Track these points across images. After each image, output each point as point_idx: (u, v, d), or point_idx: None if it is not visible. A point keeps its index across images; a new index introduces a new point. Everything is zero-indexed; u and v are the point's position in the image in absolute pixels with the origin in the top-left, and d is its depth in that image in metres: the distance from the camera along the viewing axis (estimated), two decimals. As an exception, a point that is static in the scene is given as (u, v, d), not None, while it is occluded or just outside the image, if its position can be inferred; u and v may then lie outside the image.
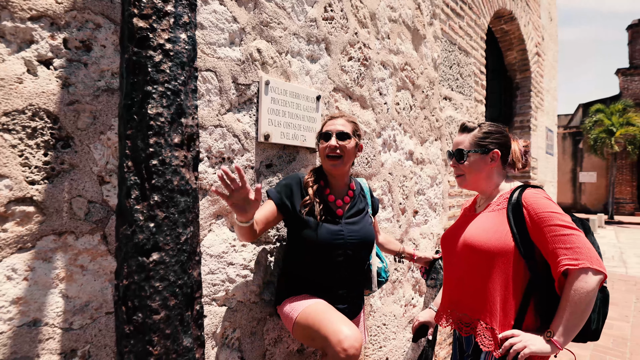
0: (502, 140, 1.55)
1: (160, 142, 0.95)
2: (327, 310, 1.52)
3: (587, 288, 1.23)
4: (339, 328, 1.40)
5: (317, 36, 1.98)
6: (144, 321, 0.89)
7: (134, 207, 0.92)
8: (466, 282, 1.47)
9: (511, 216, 1.41)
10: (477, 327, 1.40)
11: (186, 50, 1.03)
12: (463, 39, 3.43)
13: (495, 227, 1.42)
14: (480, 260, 1.41)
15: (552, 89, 6.17)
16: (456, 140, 1.60)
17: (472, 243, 1.44)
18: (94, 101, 1.25)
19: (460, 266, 1.50)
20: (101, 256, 1.27)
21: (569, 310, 1.25)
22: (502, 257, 1.37)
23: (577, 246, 1.26)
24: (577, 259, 1.25)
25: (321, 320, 1.46)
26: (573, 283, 1.24)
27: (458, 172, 1.59)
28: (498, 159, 1.53)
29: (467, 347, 1.47)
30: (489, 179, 1.55)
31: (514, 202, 1.43)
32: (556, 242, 1.29)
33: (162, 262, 0.92)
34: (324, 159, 1.67)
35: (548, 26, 5.86)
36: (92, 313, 1.25)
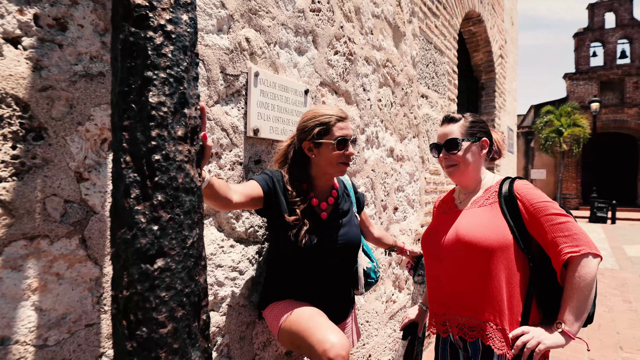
0: (487, 129, 1.54)
1: (163, 135, 0.84)
2: (313, 317, 1.41)
3: (591, 273, 1.24)
4: (325, 337, 1.30)
5: (305, 28, 1.90)
6: (149, 336, 0.78)
7: (134, 207, 0.80)
8: (464, 283, 1.40)
9: (505, 209, 1.38)
10: (487, 330, 1.34)
11: (188, 33, 0.92)
12: (438, 38, 3.46)
13: (491, 222, 1.38)
14: (479, 258, 1.35)
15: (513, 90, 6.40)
16: (443, 131, 1.52)
17: (470, 240, 1.37)
18: (70, 88, 1.11)
19: (454, 266, 1.42)
20: (79, 262, 1.13)
21: (576, 297, 1.25)
22: (503, 252, 1.33)
23: (574, 233, 1.28)
24: (577, 245, 1.26)
25: (306, 328, 1.36)
26: (577, 270, 1.25)
27: (450, 163, 1.50)
28: (487, 147, 1.51)
29: (474, 353, 1.40)
30: (477, 170, 1.51)
31: (506, 194, 1.41)
32: (555, 231, 1.29)
33: (168, 269, 0.81)
34: (335, 164, 1.50)
35: (510, 30, 6.07)
36: (70, 326, 1.11)
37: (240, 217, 1.61)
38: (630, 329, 4.08)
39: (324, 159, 1.50)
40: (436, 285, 1.51)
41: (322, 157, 1.50)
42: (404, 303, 3.00)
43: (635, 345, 3.66)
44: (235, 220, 1.59)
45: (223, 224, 1.54)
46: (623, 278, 6.26)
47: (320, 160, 1.51)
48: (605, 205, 15.59)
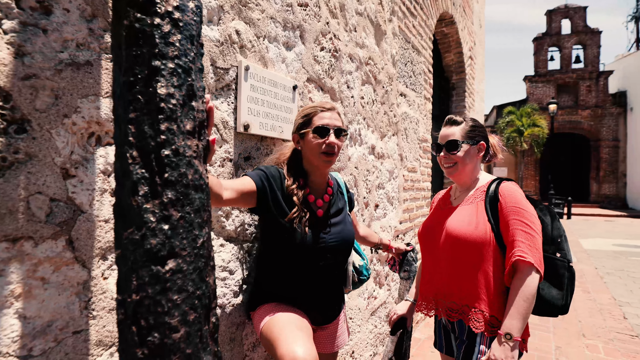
0: (485, 133, 1.65)
1: (173, 129, 0.79)
2: (285, 326, 1.37)
3: (534, 284, 1.35)
4: (292, 349, 1.25)
5: (293, 22, 1.86)
6: (161, 342, 0.73)
7: (142, 206, 0.75)
8: (451, 272, 1.53)
9: (488, 208, 1.50)
10: (468, 313, 1.47)
11: (195, 22, 0.87)
12: (416, 37, 3.49)
13: (475, 220, 1.50)
14: (464, 251, 1.49)
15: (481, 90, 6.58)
16: (445, 132, 1.64)
17: (456, 235, 1.51)
18: (55, 77, 1.03)
19: (444, 257, 1.56)
20: (66, 265, 1.06)
21: (523, 306, 1.35)
22: (484, 247, 1.46)
23: (532, 245, 1.38)
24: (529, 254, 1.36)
25: (276, 337, 1.32)
26: (524, 278, 1.35)
27: (449, 162, 1.61)
28: (484, 150, 1.63)
29: (461, 333, 1.52)
30: (473, 171, 1.63)
31: (492, 194, 1.52)
32: (517, 234, 1.40)
33: (180, 270, 0.76)
34: (318, 155, 1.48)
35: (478, 32, 6.23)
36: (57, 334, 1.04)
37: (230, 215, 1.56)
38: (591, 318, 4.33)
39: (307, 149, 1.51)
40: (430, 274, 1.64)
41: (306, 148, 1.51)
42: (384, 299, 3.02)
43: (595, 332, 3.90)
44: (225, 218, 1.54)
45: (213, 223, 1.49)
46: (581, 270, 6.58)
47: (305, 151, 1.52)
48: (561, 202, 16.38)
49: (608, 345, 3.58)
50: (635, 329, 4.03)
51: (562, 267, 1.50)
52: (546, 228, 1.55)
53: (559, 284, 1.50)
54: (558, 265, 1.50)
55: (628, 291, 5.46)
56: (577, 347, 3.51)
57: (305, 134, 1.50)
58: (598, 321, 4.22)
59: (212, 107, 0.95)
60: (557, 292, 1.49)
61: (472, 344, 1.46)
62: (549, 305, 1.48)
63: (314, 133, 1.48)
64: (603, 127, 20.99)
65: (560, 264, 1.50)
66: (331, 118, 1.51)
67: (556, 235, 1.55)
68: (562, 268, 1.50)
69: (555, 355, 3.34)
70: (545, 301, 1.48)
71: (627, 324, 4.18)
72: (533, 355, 3.31)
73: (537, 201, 1.61)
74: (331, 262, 1.54)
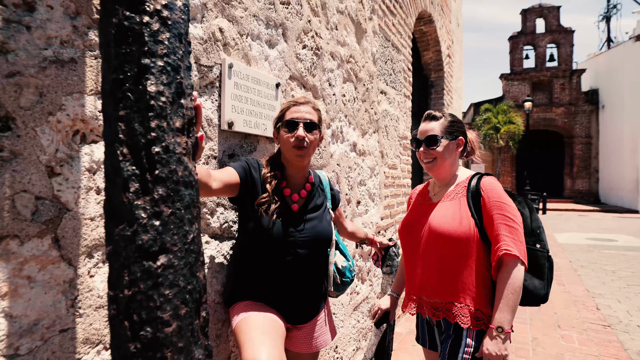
0: (463, 129, 1.67)
1: (163, 126, 0.80)
2: (254, 328, 1.36)
3: (521, 277, 1.39)
4: (254, 354, 1.25)
5: (275, 20, 1.88)
6: (154, 336, 0.74)
7: (133, 202, 0.76)
8: (434, 269, 1.53)
9: (471, 203, 1.51)
10: (453, 309, 1.48)
11: (182, 20, 0.88)
12: (395, 36, 3.54)
13: (459, 215, 1.50)
14: (448, 247, 1.49)
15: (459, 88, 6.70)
16: (424, 128, 1.64)
17: (440, 231, 1.51)
18: (40, 74, 1.03)
19: (426, 254, 1.55)
20: (53, 264, 1.05)
21: (512, 299, 1.38)
22: (468, 242, 1.47)
23: (516, 238, 1.41)
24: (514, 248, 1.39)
25: (243, 341, 1.33)
26: (512, 271, 1.38)
27: (428, 158, 1.62)
28: (462, 145, 1.64)
29: (447, 328, 1.53)
30: (452, 166, 1.64)
31: (473, 189, 1.53)
32: (501, 229, 1.42)
33: (171, 265, 0.78)
34: (289, 149, 1.50)
35: (456, 31, 6.34)
36: (44, 333, 1.03)
37: (215, 212, 1.57)
38: (566, 309, 4.48)
39: (281, 145, 1.55)
40: (413, 271, 1.63)
41: (281, 143, 1.55)
42: (366, 294, 3.06)
43: (570, 323, 4.04)
44: (210, 215, 1.55)
45: (199, 220, 1.50)
46: (556, 263, 6.79)
47: (281, 146, 1.56)
48: (537, 197, 16.75)
49: (582, 335, 3.71)
50: (607, 319, 4.19)
51: (543, 257, 1.54)
52: (526, 220, 1.58)
53: (540, 274, 1.53)
54: (539, 256, 1.54)
55: (600, 283, 5.67)
56: (553, 338, 3.63)
57: (280, 129, 1.54)
58: (573, 312, 4.37)
59: (199, 104, 0.97)
60: (539, 282, 1.53)
61: (458, 338, 1.47)
62: (533, 295, 1.51)
63: (284, 127, 1.51)
64: (576, 124, 21.57)
65: (540, 255, 1.54)
66: (302, 112, 1.51)
67: (535, 226, 1.59)
68: (543, 258, 1.54)
69: (532, 345, 3.45)
70: (529, 291, 1.50)
71: (600, 314, 4.34)
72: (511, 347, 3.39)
73: (514, 194, 1.64)
74: (301, 258, 1.52)
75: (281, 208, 1.50)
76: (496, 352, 1.36)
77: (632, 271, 6.37)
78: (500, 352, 1.36)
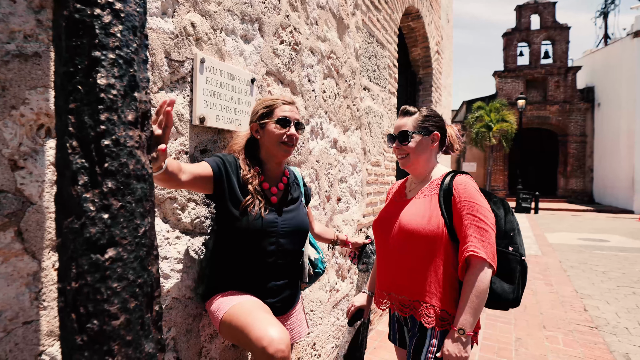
0: (440, 123, 1.64)
1: (113, 119, 0.81)
2: (253, 310, 1.41)
3: (487, 280, 1.37)
4: (264, 332, 1.29)
5: (251, 15, 1.88)
6: (100, 329, 0.75)
7: (82, 195, 0.77)
8: (403, 266, 1.53)
9: (442, 202, 1.49)
10: (419, 308, 1.47)
11: (137, 13, 0.88)
12: (380, 32, 3.54)
13: (429, 213, 1.49)
14: (416, 245, 1.49)
15: (448, 85, 6.71)
16: (398, 123, 1.64)
17: (409, 229, 1.50)
18: (2, 68, 1.03)
19: (396, 250, 1.55)
20: (15, 256, 1.06)
21: (476, 301, 1.36)
22: (436, 241, 1.46)
23: (485, 240, 1.39)
24: (481, 249, 1.37)
25: (245, 323, 1.35)
26: (478, 274, 1.37)
27: (402, 154, 1.62)
28: (438, 140, 1.62)
29: (413, 326, 1.52)
30: (428, 162, 1.62)
31: (446, 187, 1.51)
32: (470, 229, 1.41)
33: (120, 258, 0.79)
34: (277, 144, 1.57)
35: (446, 27, 6.34)
36: (6, 325, 1.04)
37: (186, 207, 1.58)
38: (552, 310, 4.45)
39: (267, 139, 1.58)
40: (383, 267, 1.63)
41: (266, 138, 1.58)
42: (347, 292, 3.07)
43: (556, 324, 4.00)
44: (181, 210, 1.55)
45: (168, 215, 1.50)
46: (545, 263, 6.81)
47: (265, 141, 1.59)
48: (529, 196, 16.73)
49: (568, 336, 3.67)
50: (594, 321, 4.15)
51: (514, 261, 1.49)
52: (499, 222, 1.55)
53: (510, 278, 1.49)
54: (510, 260, 1.50)
55: (590, 284, 5.64)
56: (537, 339, 3.60)
57: (267, 124, 1.57)
58: (559, 313, 4.33)
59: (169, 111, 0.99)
60: (508, 286, 1.49)
61: (422, 337, 1.47)
62: (501, 299, 1.48)
63: (277, 123, 1.56)
64: (571, 122, 21.50)
65: (512, 258, 1.50)
66: (292, 111, 1.61)
67: (509, 228, 1.55)
68: (514, 262, 1.50)
69: (515, 346, 3.42)
70: (497, 295, 1.47)
71: (587, 315, 4.29)
72: (493, 347, 3.38)
73: (491, 194, 1.63)
74: (283, 249, 1.57)
75: (262, 200, 1.55)
76: (456, 354, 1.35)
77: (622, 272, 6.35)
78: (461, 354, 1.35)
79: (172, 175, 1.23)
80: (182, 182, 1.31)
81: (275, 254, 1.56)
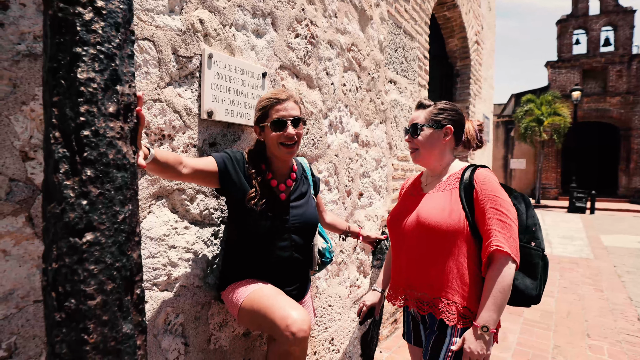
0: (455, 117, 1.58)
1: (93, 111, 0.85)
2: (273, 294, 1.47)
3: (511, 275, 1.33)
4: (287, 313, 1.37)
5: (263, 10, 1.91)
6: (77, 307, 0.80)
7: (63, 182, 0.82)
8: (422, 262, 1.49)
9: (463, 196, 1.45)
10: (439, 305, 1.44)
11: (121, 10, 0.93)
12: (408, 22, 3.47)
13: (449, 207, 1.45)
14: (436, 240, 1.45)
15: (490, 77, 6.45)
16: (412, 116, 1.62)
17: (428, 223, 1.46)
18: (13, 67, 1.12)
19: (414, 246, 1.52)
20: (27, 240, 1.15)
21: (499, 297, 1.33)
22: (457, 235, 1.42)
23: (509, 234, 1.35)
24: (505, 244, 1.33)
25: (267, 306, 1.42)
26: (501, 269, 1.33)
27: (412, 147, 1.60)
28: (451, 134, 1.56)
29: (432, 324, 1.49)
30: (442, 156, 1.58)
31: (466, 181, 1.47)
32: (493, 224, 1.37)
33: (97, 243, 0.84)
34: (277, 146, 1.56)
35: (487, 15, 6.09)
36: (18, 302, 1.14)
37: (195, 199, 1.64)
38: (600, 317, 4.13)
39: (268, 141, 1.59)
40: (399, 264, 1.61)
41: (267, 140, 1.59)
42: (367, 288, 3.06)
43: (602, 332, 3.71)
44: (189, 202, 1.61)
45: (177, 206, 1.56)
46: (597, 267, 6.38)
47: (267, 142, 1.60)
48: (584, 196, 15.71)
49: (614, 347, 3.40)
50: (649, 332, 3.79)
51: (537, 256, 1.46)
52: (521, 216, 1.51)
53: (533, 273, 1.46)
54: (533, 255, 1.46)
55: (647, 292, 5.18)
56: (578, 347, 3.37)
57: (265, 127, 1.57)
58: (608, 321, 4.02)
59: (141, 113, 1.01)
60: (530, 281, 1.45)
61: (442, 336, 1.44)
62: (523, 295, 1.44)
63: (271, 126, 1.55)
64: (635, 115, 19.87)
65: (534, 253, 1.47)
66: (287, 109, 1.56)
67: (531, 223, 1.51)
68: (537, 257, 1.46)
69: (552, 354, 3.22)
70: (519, 291, 1.44)
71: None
72: (527, 353, 3.22)
73: (511, 189, 1.57)
74: (294, 244, 1.62)
75: (270, 199, 1.57)
76: (478, 352, 1.31)
77: (686, 281, 5.77)
78: (483, 351, 1.31)
79: (165, 166, 1.27)
80: (182, 175, 1.35)
81: (287, 249, 1.60)
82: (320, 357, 2.46)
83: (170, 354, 1.54)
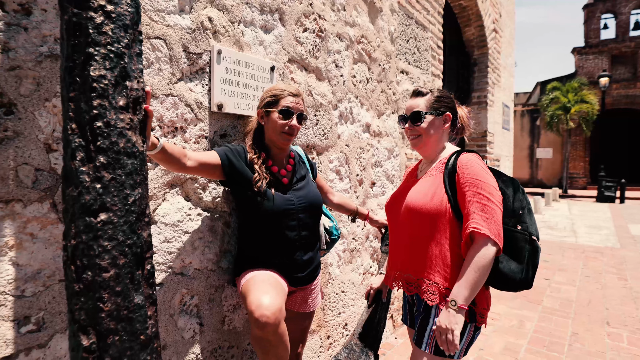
0: (452, 104, 1.64)
1: (105, 105, 0.95)
2: (260, 281, 1.54)
3: (489, 256, 1.35)
4: (258, 298, 1.42)
5: (271, 6, 1.98)
6: (93, 279, 0.91)
7: (79, 168, 0.93)
8: (409, 245, 1.56)
9: (447, 180, 1.50)
10: (422, 286, 1.50)
11: (129, 12, 1.02)
12: (420, 13, 3.48)
13: (433, 191, 1.51)
14: (419, 223, 1.51)
15: (509, 65, 6.35)
16: (410, 104, 1.64)
17: (413, 207, 1.53)
18: (36, 67, 1.23)
19: (403, 230, 1.59)
20: (52, 224, 1.27)
21: (474, 276, 1.35)
22: (439, 219, 1.47)
23: (488, 216, 1.37)
24: (484, 226, 1.36)
25: (247, 290, 1.51)
26: (479, 249, 1.36)
27: (414, 134, 1.62)
28: (450, 121, 1.62)
29: (419, 305, 1.56)
30: (440, 142, 1.63)
31: (450, 166, 1.52)
32: (473, 206, 1.40)
33: (110, 222, 0.94)
34: (279, 133, 1.67)
35: (505, 3, 6.00)
36: (45, 280, 1.25)
37: (207, 187, 1.74)
38: (621, 306, 4.07)
39: (270, 126, 1.68)
40: (393, 247, 1.68)
41: (269, 125, 1.69)
42: (383, 274, 3.12)
43: (623, 320, 3.67)
44: (202, 190, 1.71)
45: (190, 194, 1.67)
46: (622, 256, 6.25)
47: (268, 128, 1.70)
48: (613, 184, 15.23)
49: (635, 334, 3.34)
50: (672, 322, 3.70)
51: (522, 240, 1.46)
52: (507, 200, 1.51)
53: (518, 257, 1.45)
54: (518, 238, 1.46)
55: (675, 283, 5.02)
56: (597, 335, 3.33)
57: (271, 112, 1.67)
58: (629, 310, 3.95)
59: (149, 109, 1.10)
60: (516, 265, 1.44)
61: (427, 316, 1.48)
62: (508, 279, 1.44)
63: (280, 114, 1.65)
64: (667, 100, 19.21)
65: (520, 237, 1.46)
66: (297, 103, 1.70)
67: (517, 207, 1.51)
68: (522, 241, 1.45)
69: (569, 341, 3.20)
70: (503, 274, 1.43)
71: (664, 315, 3.86)
72: (543, 340, 3.20)
73: (501, 173, 1.60)
74: (303, 223, 1.72)
75: (274, 183, 1.68)
76: (445, 325, 1.35)
77: None
78: (450, 325, 1.34)
79: (171, 157, 1.37)
80: (186, 167, 1.45)
81: (297, 228, 1.70)
82: (333, 341, 2.54)
83: (186, 333, 1.65)
